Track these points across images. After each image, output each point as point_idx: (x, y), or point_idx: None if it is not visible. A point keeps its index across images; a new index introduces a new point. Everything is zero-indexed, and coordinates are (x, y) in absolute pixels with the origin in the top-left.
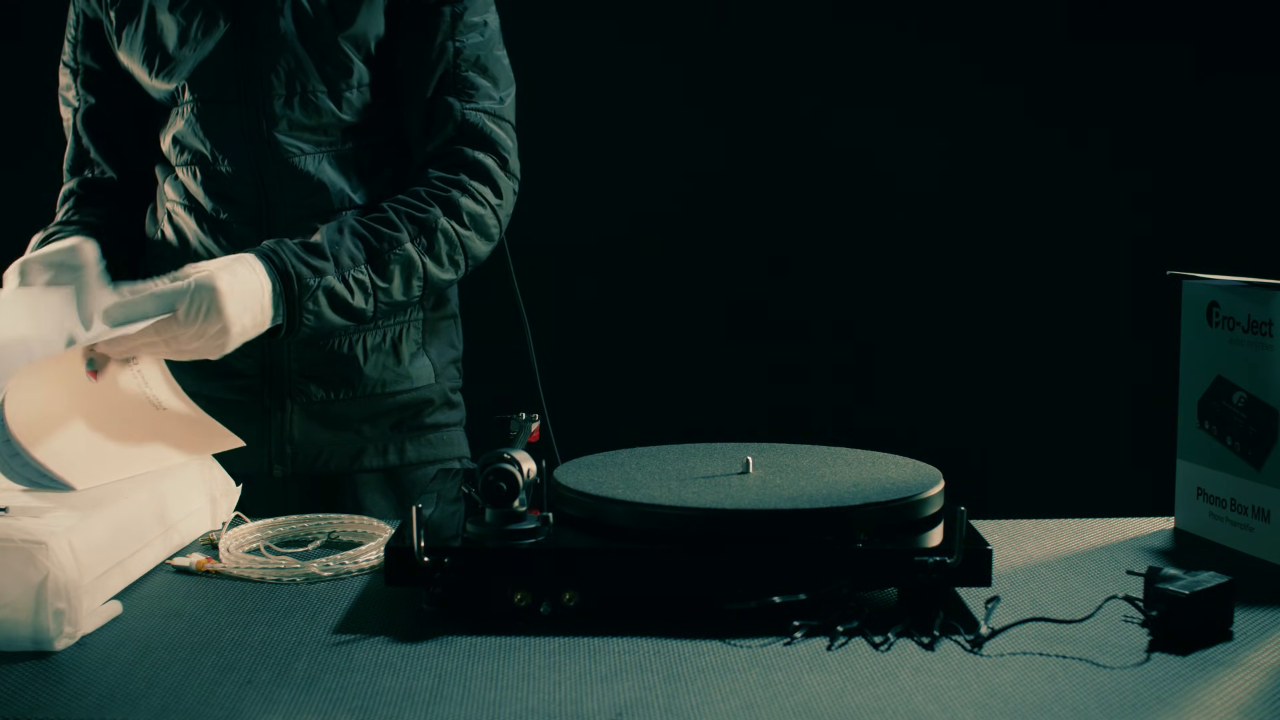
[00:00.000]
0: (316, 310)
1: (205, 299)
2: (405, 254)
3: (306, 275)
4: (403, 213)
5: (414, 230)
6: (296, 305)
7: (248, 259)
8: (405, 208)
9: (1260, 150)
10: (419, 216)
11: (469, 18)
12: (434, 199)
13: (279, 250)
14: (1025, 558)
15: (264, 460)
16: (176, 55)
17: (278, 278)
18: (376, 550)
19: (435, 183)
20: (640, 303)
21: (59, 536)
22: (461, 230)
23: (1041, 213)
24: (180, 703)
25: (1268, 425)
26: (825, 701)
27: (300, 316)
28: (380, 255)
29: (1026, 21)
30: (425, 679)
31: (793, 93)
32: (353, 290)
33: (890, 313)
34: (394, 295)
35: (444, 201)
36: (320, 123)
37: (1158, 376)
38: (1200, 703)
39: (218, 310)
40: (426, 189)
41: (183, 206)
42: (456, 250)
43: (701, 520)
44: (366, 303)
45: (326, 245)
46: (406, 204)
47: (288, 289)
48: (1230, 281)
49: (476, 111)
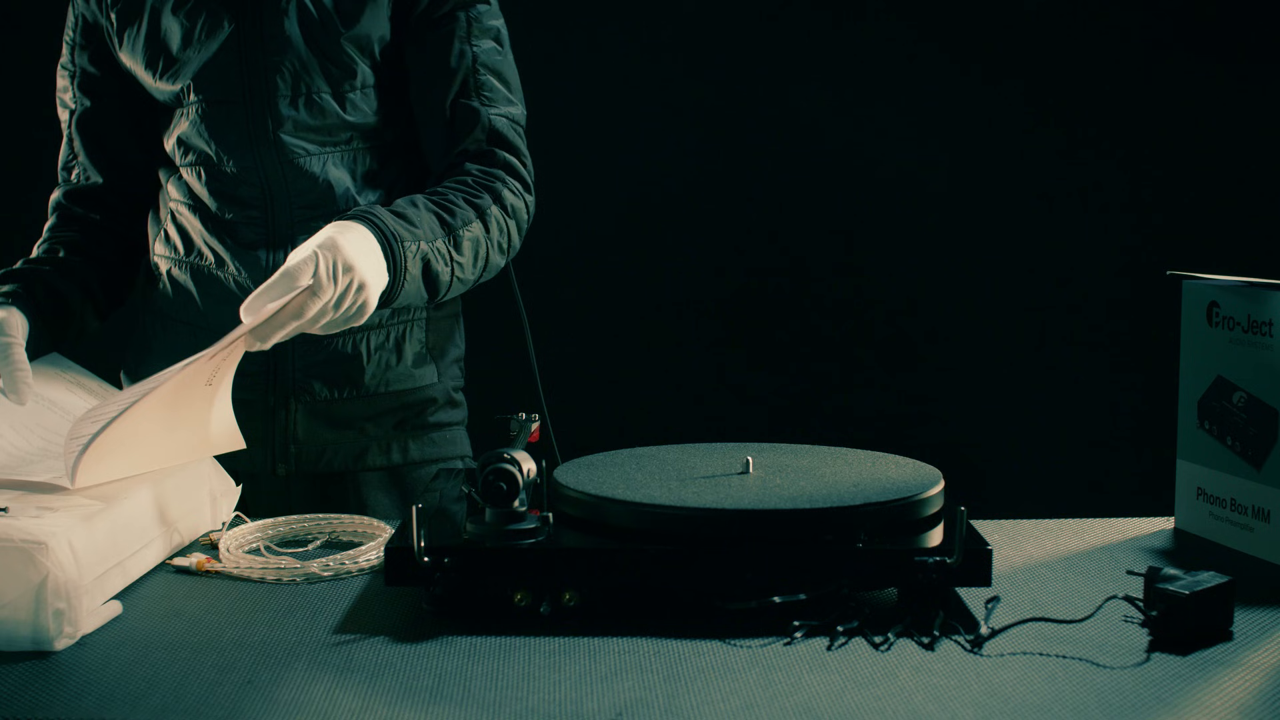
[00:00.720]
0: (415, 274)
1: (334, 257)
2: (474, 233)
3: (407, 238)
4: (461, 197)
5: (474, 213)
6: (401, 267)
7: (350, 223)
8: (462, 193)
9: (1260, 150)
10: (475, 201)
11: (484, 22)
12: (483, 187)
13: (375, 213)
14: (1025, 558)
15: (268, 459)
16: (180, 57)
17: (381, 237)
18: (376, 550)
19: (478, 173)
20: (640, 303)
21: (59, 536)
22: (507, 219)
23: (1041, 213)
24: (180, 703)
25: (1268, 425)
26: (825, 701)
27: (403, 279)
28: (454, 230)
29: (1027, 21)
30: (425, 679)
31: (792, 93)
32: (437, 259)
33: (890, 312)
34: (466, 273)
35: (491, 191)
36: (325, 123)
37: (1158, 376)
38: (1200, 703)
39: (349, 265)
40: (473, 179)
41: (187, 206)
42: (504, 237)
43: (701, 520)
44: (448, 276)
45: (411, 214)
46: (461, 189)
47: (392, 249)
48: (1230, 281)
49: (500, 117)
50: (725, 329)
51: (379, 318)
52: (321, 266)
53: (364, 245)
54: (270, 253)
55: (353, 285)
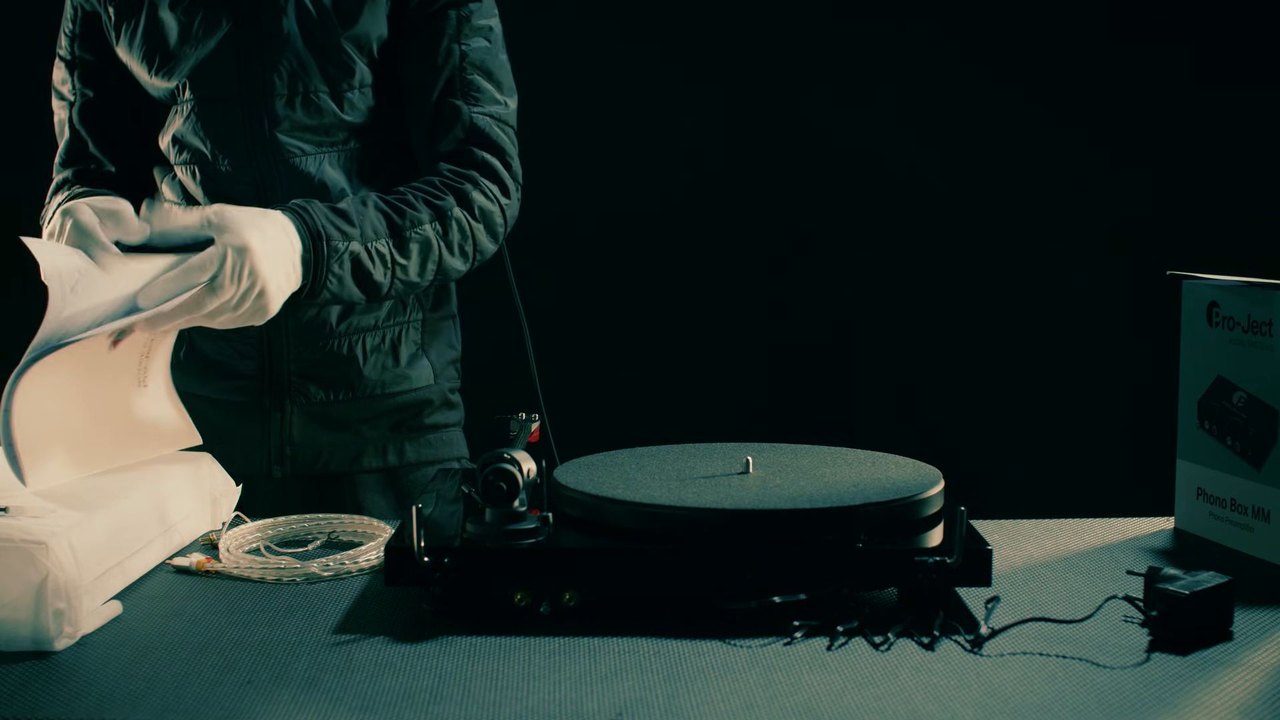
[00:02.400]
0: (340, 275)
1: (240, 261)
2: (424, 235)
3: (336, 237)
4: (420, 196)
5: (431, 214)
6: (325, 266)
7: (275, 216)
8: (423, 193)
9: (1260, 150)
10: (436, 202)
11: (475, 21)
12: (448, 188)
13: (309, 209)
14: (1025, 558)
15: (263, 461)
16: (177, 53)
17: (308, 235)
18: (376, 550)
19: (448, 174)
20: (639, 302)
21: (59, 536)
22: (473, 222)
23: (1041, 213)
24: (180, 703)
25: (1268, 425)
26: (825, 701)
27: (325, 279)
28: (401, 232)
29: (1028, 22)
30: (425, 679)
31: (790, 91)
32: (374, 261)
33: (890, 312)
34: (410, 275)
35: (457, 193)
36: (322, 123)
37: (1158, 376)
38: (1200, 703)
39: (254, 272)
40: (441, 179)
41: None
42: (468, 241)
43: (701, 520)
44: (385, 277)
45: (353, 212)
46: (423, 189)
47: (316, 248)
48: (1230, 281)
49: (483, 115)
50: (725, 328)
51: (374, 319)
52: (226, 268)
53: (278, 245)
54: None
55: (254, 289)
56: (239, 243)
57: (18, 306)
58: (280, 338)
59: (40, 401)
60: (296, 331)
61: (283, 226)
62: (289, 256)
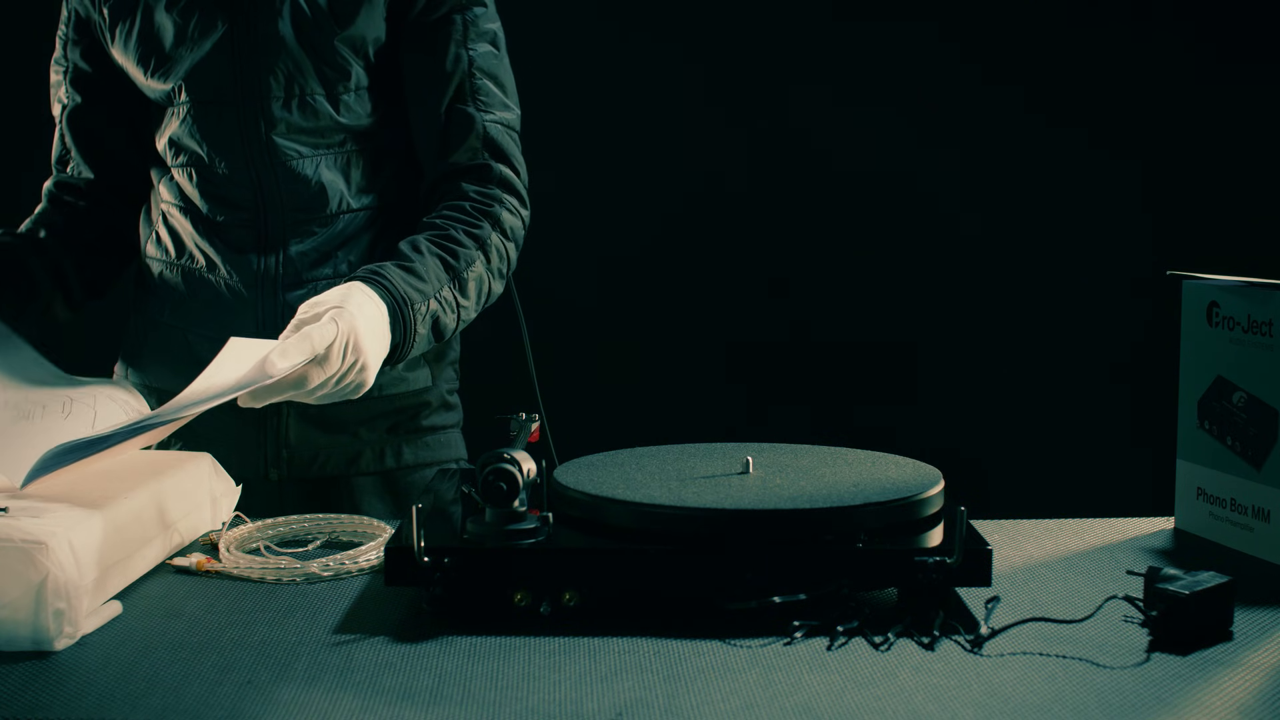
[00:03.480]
0: (424, 334)
1: (350, 337)
2: (478, 271)
3: (417, 300)
4: (462, 229)
5: (476, 246)
6: (411, 330)
7: (360, 287)
8: (462, 225)
9: (1260, 150)
10: (476, 233)
11: (480, 25)
12: (482, 215)
13: (385, 274)
14: (1025, 558)
15: (260, 464)
16: (172, 55)
17: (393, 303)
18: (376, 550)
19: (476, 198)
20: (639, 302)
21: (59, 536)
22: (506, 243)
23: (1041, 213)
24: (180, 703)
25: (1268, 425)
26: (825, 701)
27: (412, 341)
28: (459, 274)
29: (1026, 21)
30: (425, 679)
31: (790, 98)
32: (445, 310)
33: (890, 313)
34: (470, 314)
35: (490, 218)
36: (318, 125)
37: (1158, 376)
38: (1200, 703)
39: (359, 347)
40: (471, 204)
41: (178, 208)
42: (504, 262)
43: (701, 520)
44: (452, 320)
45: (419, 268)
46: (461, 221)
47: (403, 314)
48: (1230, 281)
49: (495, 124)
50: (725, 328)
51: None
52: (337, 344)
53: (375, 320)
54: (261, 256)
55: (357, 364)
56: (348, 320)
57: None
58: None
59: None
60: None
61: (369, 295)
62: (384, 325)
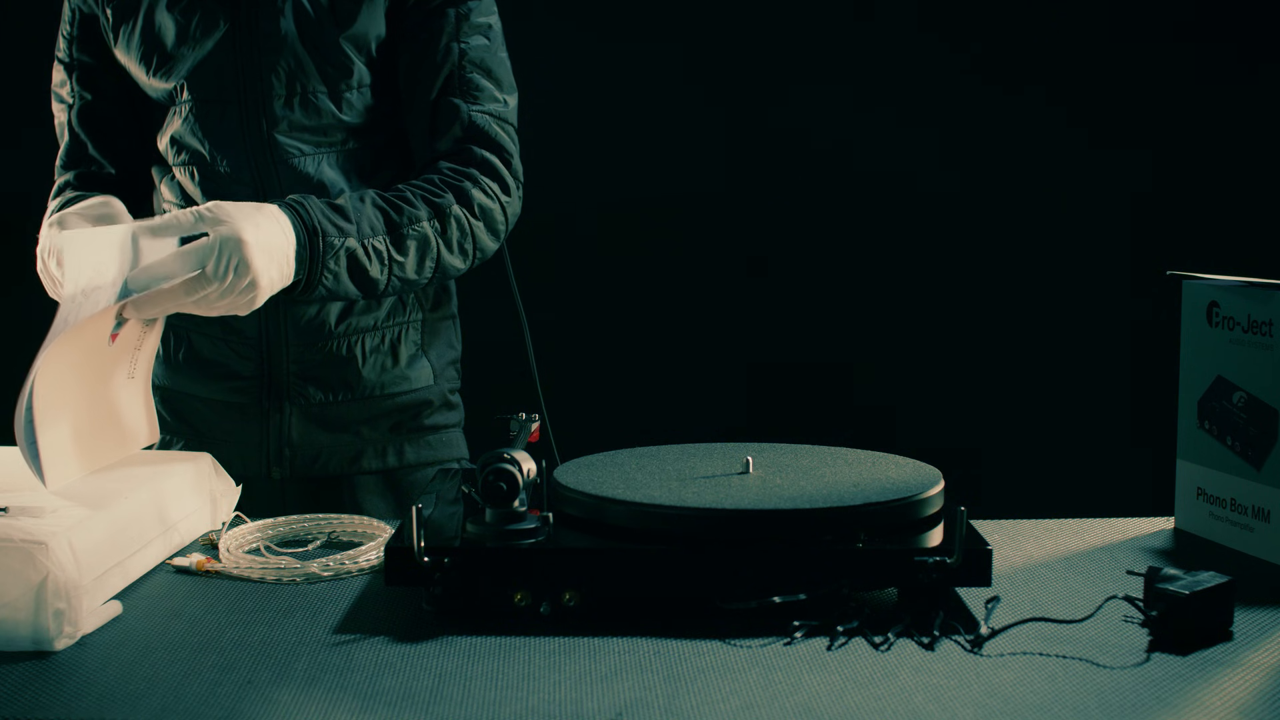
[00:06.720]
0: (336, 271)
1: (232, 253)
2: (422, 232)
3: (332, 233)
4: (419, 194)
5: (429, 212)
6: (320, 262)
7: (271, 210)
8: (421, 190)
9: (1260, 150)
10: (434, 200)
11: (474, 19)
12: (448, 186)
13: (305, 204)
14: (1025, 558)
15: (262, 463)
16: (175, 54)
17: (303, 231)
18: (376, 550)
19: (448, 172)
20: (640, 302)
21: (59, 536)
22: (472, 220)
23: (1041, 212)
24: (180, 703)
25: (1268, 425)
26: (825, 701)
27: (320, 275)
28: (399, 229)
29: (1025, 21)
30: (425, 679)
31: (790, 91)
32: (370, 258)
33: (890, 312)
34: (408, 272)
35: (457, 190)
36: (320, 124)
37: (1158, 376)
38: (1200, 703)
39: (245, 264)
40: (441, 177)
41: (179, 208)
42: (467, 239)
43: (701, 520)
44: (382, 274)
45: (350, 209)
46: (422, 187)
47: (312, 244)
48: (1230, 281)
49: (482, 114)
50: (725, 328)
51: (374, 320)
52: (217, 258)
53: (274, 241)
54: None
55: (243, 282)
56: (232, 234)
57: (18, 306)
58: (279, 338)
59: (53, 400)
60: (295, 332)
61: (277, 220)
62: (283, 251)
